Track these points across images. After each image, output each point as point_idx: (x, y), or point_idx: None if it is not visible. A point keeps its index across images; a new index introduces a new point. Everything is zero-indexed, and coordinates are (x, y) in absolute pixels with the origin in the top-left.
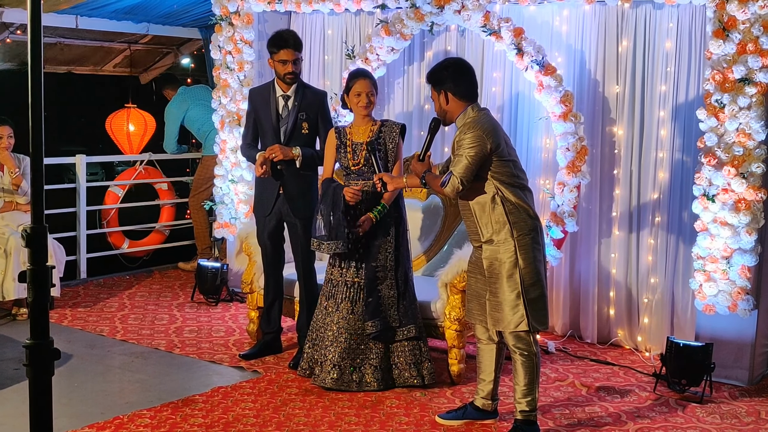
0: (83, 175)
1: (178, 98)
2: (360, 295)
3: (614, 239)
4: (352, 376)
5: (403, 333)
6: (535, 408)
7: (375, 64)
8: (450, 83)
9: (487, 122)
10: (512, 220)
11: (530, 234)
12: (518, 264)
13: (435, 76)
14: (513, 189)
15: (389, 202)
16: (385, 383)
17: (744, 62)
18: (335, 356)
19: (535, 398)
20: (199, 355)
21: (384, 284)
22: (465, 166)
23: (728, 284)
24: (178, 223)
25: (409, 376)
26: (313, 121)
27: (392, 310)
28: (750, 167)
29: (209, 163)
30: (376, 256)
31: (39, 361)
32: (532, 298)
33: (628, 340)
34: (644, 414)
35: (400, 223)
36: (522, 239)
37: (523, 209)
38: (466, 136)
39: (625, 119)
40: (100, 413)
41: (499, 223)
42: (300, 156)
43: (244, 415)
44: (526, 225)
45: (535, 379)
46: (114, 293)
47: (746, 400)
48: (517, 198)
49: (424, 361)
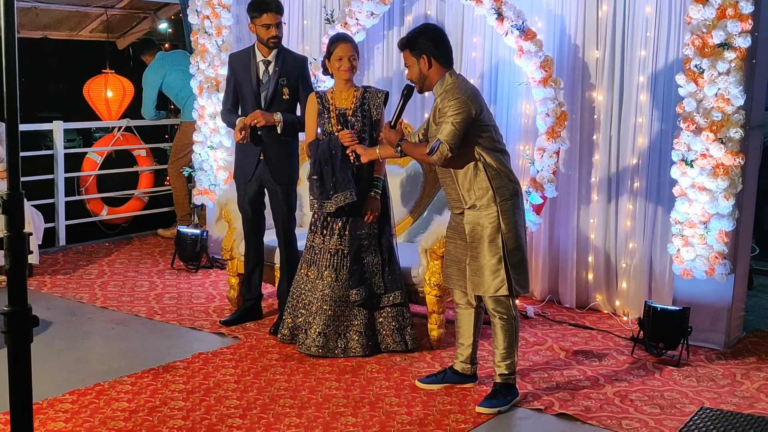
0: (61, 142)
1: (155, 64)
2: (344, 263)
3: (593, 205)
4: (338, 343)
5: (389, 299)
6: (514, 371)
7: (354, 29)
8: (432, 48)
9: (467, 88)
10: (495, 185)
11: (512, 199)
12: (500, 229)
13: (414, 42)
14: (494, 154)
15: (382, 174)
16: (370, 349)
17: (723, 27)
18: (320, 324)
19: (514, 362)
20: (180, 322)
21: (368, 252)
22: (452, 133)
23: (706, 249)
24: (157, 189)
25: (392, 341)
26: (293, 86)
27: (377, 277)
28: (728, 132)
29: (188, 130)
30: (361, 224)
31: (17, 329)
32: (513, 262)
33: (607, 305)
34: (622, 377)
35: (385, 191)
36: (504, 204)
37: (504, 174)
38: (450, 102)
39: (605, 84)
40: (81, 380)
41: (482, 189)
42: (281, 122)
43: (224, 380)
44: (507, 190)
45: (514, 342)
46: (93, 260)
47: (722, 363)
48: (498, 163)
49: (407, 326)
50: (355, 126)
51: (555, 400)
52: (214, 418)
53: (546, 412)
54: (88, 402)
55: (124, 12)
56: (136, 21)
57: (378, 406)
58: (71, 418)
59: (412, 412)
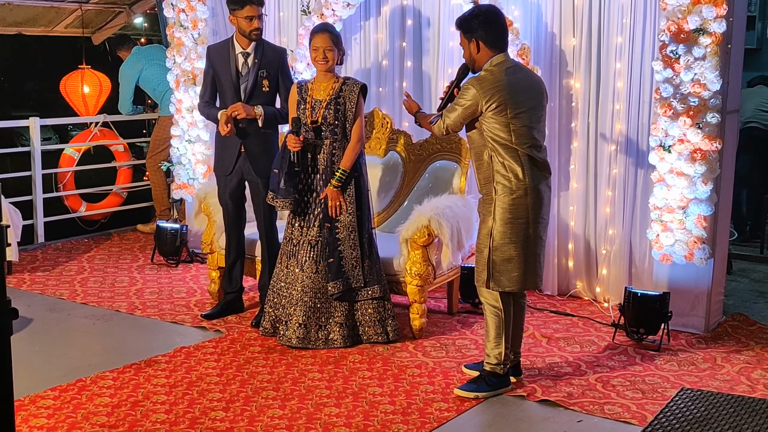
0: (37, 139)
1: (132, 58)
2: (323, 255)
3: (572, 192)
4: (318, 334)
5: (368, 293)
6: (502, 362)
7: (331, 20)
8: (481, 31)
9: (491, 81)
10: (496, 179)
11: (512, 195)
12: (493, 223)
13: (466, 24)
14: (507, 151)
15: (349, 167)
16: (351, 340)
17: (698, 12)
18: (301, 316)
19: (501, 352)
20: (161, 317)
21: (346, 244)
22: (454, 116)
23: (685, 234)
24: (136, 185)
25: (374, 333)
26: (273, 78)
27: (356, 270)
28: (705, 117)
29: (165, 124)
30: (335, 216)
31: None
32: (496, 259)
33: (587, 292)
34: (603, 363)
35: (360, 183)
36: (501, 200)
37: (512, 171)
38: (469, 89)
39: (582, 72)
40: (63, 376)
41: (486, 179)
42: (262, 115)
43: (207, 374)
44: (508, 187)
45: (502, 334)
46: (73, 257)
47: (702, 348)
48: (507, 160)
49: (388, 318)
50: (327, 117)
51: (537, 387)
52: (197, 412)
53: (528, 398)
54: (70, 398)
55: (98, 7)
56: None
57: (361, 396)
58: (53, 414)
59: (396, 401)
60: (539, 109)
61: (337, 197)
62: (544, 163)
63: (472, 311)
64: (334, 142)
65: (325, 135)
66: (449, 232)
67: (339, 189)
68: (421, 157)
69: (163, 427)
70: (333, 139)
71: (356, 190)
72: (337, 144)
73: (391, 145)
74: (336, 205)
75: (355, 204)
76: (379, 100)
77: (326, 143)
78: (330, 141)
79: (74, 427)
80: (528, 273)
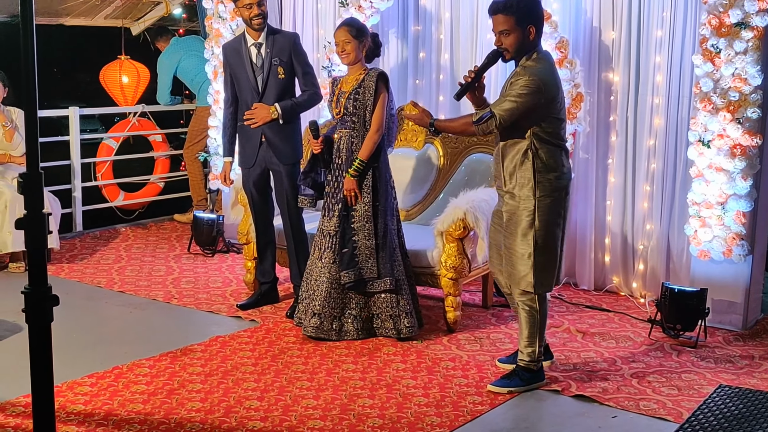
0: (77, 128)
1: (170, 49)
2: (340, 245)
3: (610, 186)
4: (332, 325)
5: (379, 285)
6: (536, 359)
7: (368, 12)
8: (538, 21)
9: (549, 73)
10: (538, 179)
11: (552, 195)
12: (534, 225)
13: (526, 9)
14: (550, 147)
15: (366, 156)
16: (365, 333)
17: (740, 6)
18: (317, 306)
19: (535, 350)
20: (197, 306)
21: (360, 234)
22: (509, 110)
23: (723, 230)
24: (173, 175)
25: (387, 328)
26: (287, 64)
27: (371, 260)
28: (746, 112)
29: (203, 114)
30: (352, 206)
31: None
32: (540, 260)
33: (624, 287)
34: (639, 359)
35: (379, 174)
36: (543, 200)
37: (552, 169)
38: (522, 78)
39: (621, 65)
40: (100, 363)
41: (524, 178)
42: (280, 113)
43: (242, 363)
44: (550, 186)
45: (536, 333)
46: (110, 245)
47: (740, 345)
48: (549, 157)
49: (402, 314)
50: (348, 108)
51: (572, 382)
52: (232, 401)
53: (563, 393)
54: (107, 385)
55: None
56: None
57: (395, 388)
58: (90, 401)
59: (429, 393)
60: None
61: (353, 186)
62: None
63: (507, 305)
64: (352, 131)
65: (346, 126)
66: (485, 225)
67: (356, 179)
68: (458, 150)
69: (198, 415)
70: (351, 129)
71: (373, 181)
72: (356, 134)
73: (427, 137)
74: (352, 195)
75: (372, 194)
76: (416, 93)
77: (346, 133)
78: (348, 131)
79: (110, 413)
80: (559, 271)
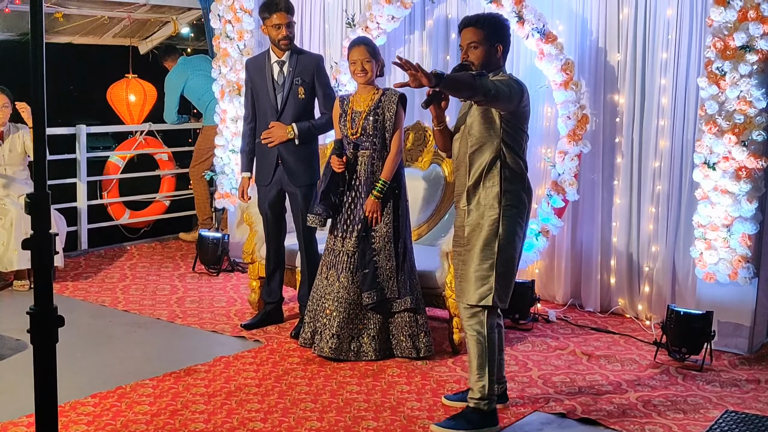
0: (83, 146)
1: (177, 68)
2: (360, 265)
3: (616, 208)
4: (350, 345)
5: (401, 304)
6: (486, 396)
7: (375, 33)
8: (505, 41)
9: (519, 81)
10: (505, 187)
11: (518, 207)
12: (498, 234)
13: (496, 27)
14: (516, 158)
15: (389, 178)
16: (382, 353)
17: (745, 29)
18: (335, 326)
19: (485, 385)
20: (201, 325)
21: (381, 255)
22: (496, 85)
23: (729, 252)
24: (179, 193)
25: (405, 347)
26: (309, 85)
27: (391, 281)
28: (751, 135)
29: (209, 134)
30: (372, 227)
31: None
32: (501, 272)
33: (629, 309)
34: (644, 382)
35: (399, 194)
36: (508, 210)
37: (518, 180)
38: (510, 81)
39: (627, 87)
40: (103, 383)
41: (490, 187)
42: (297, 134)
43: (246, 384)
44: (516, 197)
45: (486, 363)
46: (115, 264)
47: (746, 368)
48: (516, 167)
49: (421, 333)
50: (366, 128)
51: (577, 405)
52: (236, 422)
53: (568, 416)
54: (110, 405)
55: (146, 17)
56: (158, 26)
57: (399, 411)
58: (93, 421)
59: (434, 416)
60: None
61: (377, 208)
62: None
63: (512, 327)
64: (373, 153)
65: (365, 146)
66: None
67: (380, 200)
68: None
69: None
70: (372, 150)
71: (394, 201)
72: (377, 155)
73: (433, 157)
74: (375, 217)
75: (393, 215)
76: (422, 113)
77: (365, 154)
78: (369, 152)
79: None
80: (511, 288)
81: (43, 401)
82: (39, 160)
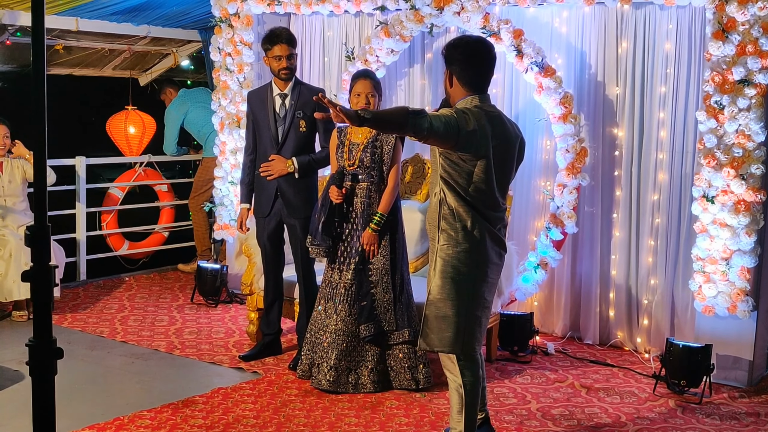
0: (83, 177)
1: (177, 100)
2: (357, 298)
3: (615, 241)
4: (348, 378)
5: (399, 336)
6: None
7: (375, 66)
8: (456, 66)
9: (484, 119)
10: (442, 225)
11: (456, 248)
12: (433, 275)
13: (446, 52)
14: (463, 200)
15: (386, 210)
16: (381, 385)
17: (743, 64)
18: (333, 358)
19: (462, 430)
20: (199, 357)
21: (379, 287)
22: (440, 119)
23: (728, 285)
24: (178, 224)
25: (404, 379)
26: (310, 118)
27: (388, 313)
28: (749, 168)
29: (209, 165)
30: (369, 259)
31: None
32: (429, 315)
33: (628, 342)
34: (644, 415)
35: (396, 227)
36: (445, 249)
37: (460, 220)
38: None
39: (626, 121)
40: (101, 414)
41: (432, 221)
42: (296, 168)
43: (244, 416)
44: (454, 238)
45: (461, 410)
46: (114, 295)
47: (745, 401)
48: (458, 206)
49: (419, 364)
50: (363, 160)
51: None
52: None
53: None
54: None
55: (147, 49)
56: (158, 58)
57: None
58: None
59: None
60: (507, 166)
61: (374, 241)
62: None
63: (511, 359)
64: (370, 185)
65: (362, 178)
66: None
67: (377, 233)
68: None
69: None
70: (369, 182)
71: (391, 234)
72: (374, 187)
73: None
74: (372, 249)
75: (389, 247)
76: (422, 146)
77: (363, 186)
78: (367, 184)
79: None
80: (465, 335)
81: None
82: (39, 192)
